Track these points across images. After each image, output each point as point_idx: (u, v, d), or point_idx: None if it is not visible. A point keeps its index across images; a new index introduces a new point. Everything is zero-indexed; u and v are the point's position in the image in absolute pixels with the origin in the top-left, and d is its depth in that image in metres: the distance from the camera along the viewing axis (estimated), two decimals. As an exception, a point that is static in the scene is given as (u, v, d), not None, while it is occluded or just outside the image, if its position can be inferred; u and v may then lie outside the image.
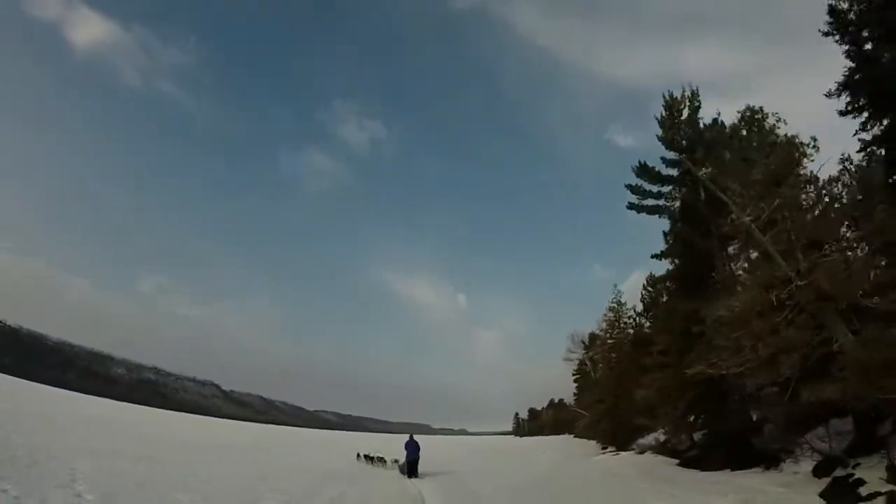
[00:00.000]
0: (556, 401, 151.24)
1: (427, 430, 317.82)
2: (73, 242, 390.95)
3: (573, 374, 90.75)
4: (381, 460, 33.70)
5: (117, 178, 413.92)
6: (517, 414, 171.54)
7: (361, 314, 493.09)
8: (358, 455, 37.82)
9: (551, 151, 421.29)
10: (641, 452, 38.08)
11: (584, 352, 72.57)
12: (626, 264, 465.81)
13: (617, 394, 46.66)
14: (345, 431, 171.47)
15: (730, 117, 25.96)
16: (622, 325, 53.92)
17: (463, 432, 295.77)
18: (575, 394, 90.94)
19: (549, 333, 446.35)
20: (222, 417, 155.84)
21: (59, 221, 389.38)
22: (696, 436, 31.27)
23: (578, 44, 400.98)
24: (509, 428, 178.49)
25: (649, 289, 49.17)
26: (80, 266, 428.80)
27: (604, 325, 56.94)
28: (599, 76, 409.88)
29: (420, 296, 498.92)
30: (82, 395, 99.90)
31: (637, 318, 52.53)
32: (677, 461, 28.75)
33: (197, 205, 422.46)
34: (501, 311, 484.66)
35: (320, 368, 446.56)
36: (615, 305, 54.84)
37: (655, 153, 29.82)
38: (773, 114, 23.53)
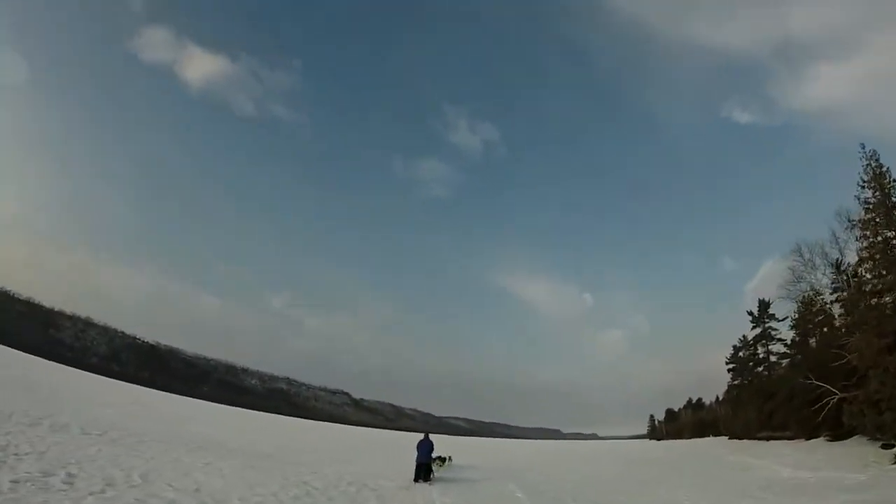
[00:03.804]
0: (695, 400, 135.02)
1: (558, 434, 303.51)
2: (205, 265, 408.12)
3: (727, 363, 75.78)
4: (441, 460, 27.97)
5: (241, 203, 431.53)
6: (652, 416, 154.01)
7: (485, 320, 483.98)
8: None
9: (659, 135, 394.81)
10: None
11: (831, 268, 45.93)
12: (755, 256, 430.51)
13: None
14: (473, 437, 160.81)
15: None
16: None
17: (594, 437, 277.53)
18: (732, 382, 74.91)
19: (677, 332, 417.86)
20: (353, 425, 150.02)
21: (193, 245, 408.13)
22: None
23: (673, 16, 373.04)
24: (643, 431, 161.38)
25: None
26: (213, 286, 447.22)
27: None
28: (703, 49, 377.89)
29: (543, 298, 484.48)
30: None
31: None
32: None
33: (316, 222, 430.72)
34: (629, 309, 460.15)
35: (448, 375, 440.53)
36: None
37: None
38: None
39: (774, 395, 55.00)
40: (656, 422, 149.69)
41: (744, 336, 73.29)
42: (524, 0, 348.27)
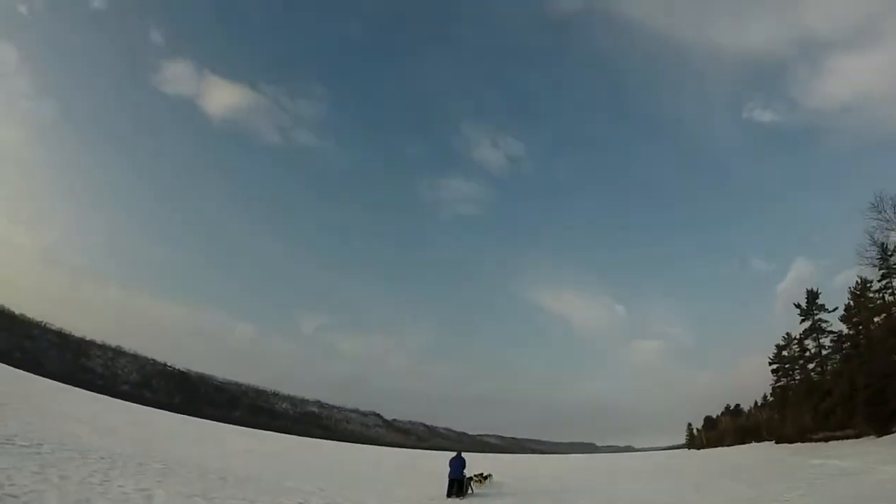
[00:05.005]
0: (732, 406, 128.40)
1: (592, 448, 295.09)
2: (237, 293, 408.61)
3: (770, 363, 70.03)
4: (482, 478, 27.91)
5: (271, 230, 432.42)
6: (690, 424, 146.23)
7: (516, 335, 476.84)
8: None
9: (685, 141, 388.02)
10: None
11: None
12: (787, 254, 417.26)
13: None
14: (505, 454, 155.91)
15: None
16: None
17: (629, 449, 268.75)
18: (776, 384, 69.13)
19: (711, 339, 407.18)
20: (385, 446, 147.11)
21: (223, 273, 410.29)
22: None
23: (693, 21, 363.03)
24: (680, 441, 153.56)
25: None
26: (246, 313, 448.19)
27: None
28: (723, 52, 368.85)
29: (575, 311, 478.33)
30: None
31: None
32: None
33: (346, 244, 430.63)
34: (661, 318, 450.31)
35: (481, 393, 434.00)
36: None
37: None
38: None
39: (830, 392, 49.51)
40: (695, 430, 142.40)
41: (788, 334, 68.09)
42: (543, 15, 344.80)
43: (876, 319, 48.18)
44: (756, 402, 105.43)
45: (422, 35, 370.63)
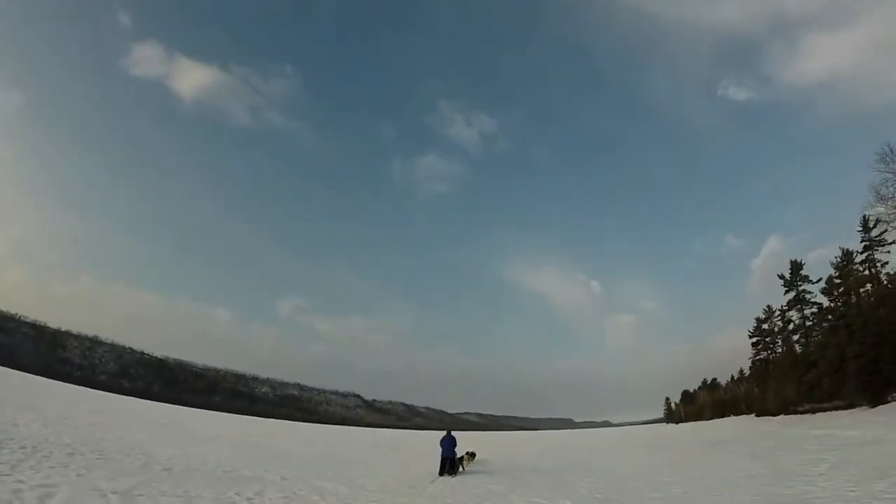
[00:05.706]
0: (709, 381, 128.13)
1: (570, 424, 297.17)
2: (211, 278, 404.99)
3: (751, 336, 68.95)
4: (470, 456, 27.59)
5: (244, 211, 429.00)
6: (668, 399, 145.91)
7: (494, 313, 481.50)
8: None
9: (662, 118, 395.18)
10: None
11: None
12: (760, 231, 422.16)
13: None
14: (484, 432, 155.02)
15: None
16: None
17: (606, 424, 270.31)
18: (756, 357, 68.23)
19: (686, 313, 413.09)
20: (365, 426, 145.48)
21: (199, 260, 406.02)
22: None
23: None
24: (658, 415, 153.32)
25: None
26: (221, 298, 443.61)
27: None
28: (697, 30, 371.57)
29: (551, 288, 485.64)
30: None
31: None
32: None
33: (320, 226, 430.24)
34: (636, 294, 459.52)
35: (461, 372, 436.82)
36: None
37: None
38: None
39: (816, 363, 48.19)
40: (673, 404, 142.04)
41: (769, 306, 66.88)
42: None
43: (862, 290, 47.05)
44: (733, 376, 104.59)
45: (395, 14, 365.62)
